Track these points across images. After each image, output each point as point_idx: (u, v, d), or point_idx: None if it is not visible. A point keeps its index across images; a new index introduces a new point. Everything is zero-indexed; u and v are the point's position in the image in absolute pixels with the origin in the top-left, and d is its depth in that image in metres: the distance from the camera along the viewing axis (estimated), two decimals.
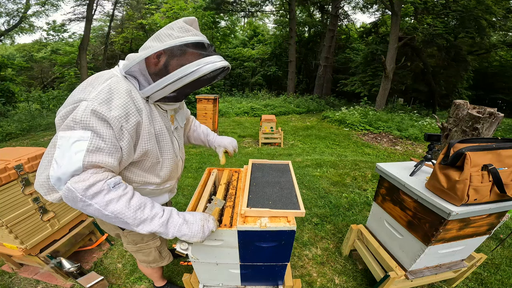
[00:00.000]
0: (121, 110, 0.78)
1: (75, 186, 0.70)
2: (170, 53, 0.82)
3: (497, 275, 1.82)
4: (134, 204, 0.79)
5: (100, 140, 0.74)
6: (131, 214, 0.77)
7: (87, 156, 0.72)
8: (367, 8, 15.08)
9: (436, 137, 1.45)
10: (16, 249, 1.48)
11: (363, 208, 2.71)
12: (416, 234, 1.32)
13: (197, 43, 0.84)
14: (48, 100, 9.36)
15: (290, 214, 1.08)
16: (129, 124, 0.81)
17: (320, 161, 4.15)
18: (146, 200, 0.84)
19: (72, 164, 0.70)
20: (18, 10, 12.75)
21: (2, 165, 1.33)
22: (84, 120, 0.72)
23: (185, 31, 0.84)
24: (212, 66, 0.82)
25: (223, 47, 18.02)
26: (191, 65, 0.81)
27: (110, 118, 0.75)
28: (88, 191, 0.71)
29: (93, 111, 0.73)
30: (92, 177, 0.73)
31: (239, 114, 9.60)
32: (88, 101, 0.74)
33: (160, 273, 1.55)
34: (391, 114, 8.87)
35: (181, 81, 0.82)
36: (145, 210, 0.81)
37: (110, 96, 0.77)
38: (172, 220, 0.85)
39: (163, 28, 0.85)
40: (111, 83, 0.80)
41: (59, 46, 17.73)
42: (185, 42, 0.82)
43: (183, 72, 0.81)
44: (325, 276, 1.83)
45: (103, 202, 0.74)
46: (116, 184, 0.78)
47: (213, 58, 0.84)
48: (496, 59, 14.40)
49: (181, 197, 2.89)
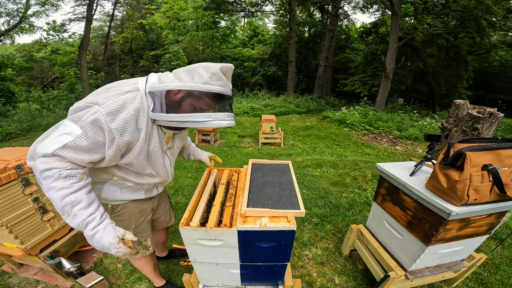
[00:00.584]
0: (120, 124, 0.85)
1: (38, 165, 0.81)
2: (190, 93, 0.89)
3: (497, 275, 1.82)
4: (69, 198, 0.84)
5: (84, 141, 0.82)
6: (60, 205, 0.84)
7: (61, 149, 0.80)
8: (367, 8, 15.07)
9: (436, 137, 1.45)
10: (16, 249, 1.48)
11: (363, 208, 2.71)
12: (416, 234, 1.32)
13: (219, 95, 0.91)
14: (48, 100, 9.36)
15: (290, 214, 1.08)
16: (121, 139, 0.87)
17: (320, 161, 4.15)
18: (83, 199, 0.87)
19: (47, 149, 0.80)
20: (18, 10, 12.74)
21: (2, 165, 1.33)
22: (85, 121, 0.81)
23: (217, 79, 0.89)
24: (218, 123, 0.91)
25: (223, 47, 18.03)
26: (201, 115, 0.89)
27: (107, 128, 0.83)
28: (44, 173, 0.81)
29: (96, 119, 0.81)
30: (54, 163, 0.81)
31: (239, 114, 9.60)
32: (100, 106, 0.83)
33: (152, 269, 1.52)
34: (391, 114, 8.87)
35: (187, 124, 0.91)
36: (74, 208, 0.85)
37: (119, 109, 0.85)
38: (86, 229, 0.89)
39: (200, 66, 0.90)
40: (127, 99, 0.87)
41: (59, 46, 17.74)
42: (208, 91, 0.88)
43: (191, 118, 0.89)
44: (325, 276, 1.83)
45: (47, 186, 0.82)
46: (68, 176, 0.83)
47: (223, 116, 0.92)
48: (496, 59, 14.41)
49: (181, 197, 2.89)
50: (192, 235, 1.06)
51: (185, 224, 1.05)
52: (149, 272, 1.54)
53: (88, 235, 0.89)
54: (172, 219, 1.64)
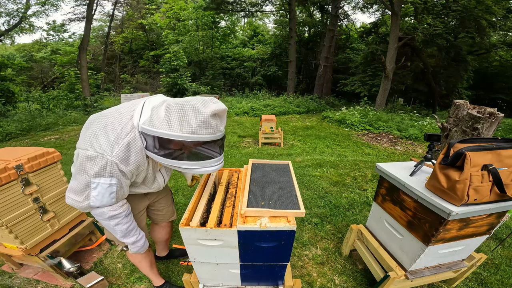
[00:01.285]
0: (135, 165, 1.00)
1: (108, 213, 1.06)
2: (178, 142, 0.90)
3: (497, 275, 1.82)
4: (128, 227, 1.16)
5: (121, 183, 1.01)
6: (123, 232, 1.16)
7: (116, 195, 1.03)
8: (367, 8, 15.07)
9: (436, 137, 1.45)
10: (16, 249, 1.48)
11: (363, 208, 2.71)
12: (416, 234, 1.32)
13: (207, 142, 0.92)
14: (48, 100, 9.35)
15: (290, 214, 1.08)
16: (138, 172, 1.07)
17: (320, 161, 4.15)
18: (134, 226, 1.20)
19: (109, 201, 1.02)
20: (18, 10, 12.73)
21: (2, 165, 1.33)
22: (111, 172, 0.95)
23: (206, 127, 0.87)
24: (204, 170, 0.99)
25: (223, 47, 18.03)
26: (187, 164, 0.96)
27: (126, 171, 0.99)
28: (114, 217, 1.08)
29: (116, 165, 0.95)
30: (120, 208, 1.08)
31: (239, 114, 9.60)
32: (111, 157, 0.93)
33: (148, 267, 1.52)
34: (391, 114, 8.86)
35: (174, 168, 1.01)
36: (132, 232, 1.19)
37: (128, 155, 0.96)
38: (134, 238, 1.22)
39: (191, 108, 0.86)
40: (130, 141, 0.95)
41: (59, 46, 17.74)
42: (196, 141, 0.89)
43: (178, 164, 0.96)
44: (325, 276, 1.83)
45: (115, 223, 1.10)
46: (129, 214, 1.15)
47: (209, 163, 0.98)
48: (496, 59, 14.39)
49: (181, 197, 2.89)
50: (192, 235, 1.06)
51: (185, 224, 1.05)
52: (146, 269, 1.53)
53: (140, 245, 1.26)
54: (174, 214, 1.67)
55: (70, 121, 7.51)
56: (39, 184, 1.52)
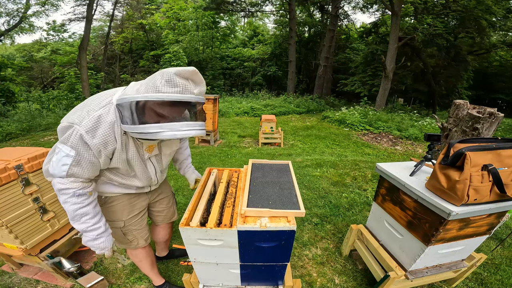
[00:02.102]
0: (101, 139, 0.93)
1: (55, 184, 0.99)
2: (144, 104, 0.86)
3: (497, 275, 1.82)
4: (80, 211, 1.04)
5: (80, 158, 0.94)
6: (72, 213, 1.04)
7: (69, 169, 0.95)
8: (367, 8, 15.06)
9: (436, 137, 1.45)
10: (16, 249, 1.48)
11: (363, 208, 2.71)
12: (416, 234, 1.32)
13: (174, 102, 0.85)
14: (48, 100, 9.35)
15: (290, 214, 1.08)
16: (107, 150, 0.98)
17: (320, 161, 4.15)
18: (90, 212, 1.06)
19: (60, 172, 0.96)
20: (18, 10, 12.73)
21: (2, 165, 1.33)
22: (72, 141, 0.91)
23: (171, 86, 0.83)
24: (172, 135, 0.86)
25: (223, 47, 18.02)
26: (152, 127, 0.85)
27: (91, 144, 0.93)
28: (61, 190, 0.99)
29: (81, 135, 0.90)
30: (69, 184, 0.98)
31: (239, 114, 9.60)
32: (79, 126, 0.90)
33: (149, 266, 1.53)
34: (391, 114, 8.86)
35: (142, 135, 0.89)
36: (83, 217, 1.05)
37: (96, 126, 0.92)
38: (89, 234, 1.10)
39: (157, 74, 0.86)
40: (102, 114, 0.93)
41: (59, 46, 17.73)
42: (159, 99, 0.83)
43: (145, 130, 0.87)
44: (325, 276, 1.83)
45: (63, 200, 1.01)
46: (80, 194, 1.01)
47: (179, 126, 0.86)
48: (496, 59, 14.38)
49: (181, 197, 2.89)
50: (192, 235, 1.06)
51: (185, 224, 1.05)
52: (146, 269, 1.54)
53: (90, 238, 1.10)
54: (175, 214, 1.66)
55: None
56: (39, 184, 1.52)
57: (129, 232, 1.34)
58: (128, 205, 1.28)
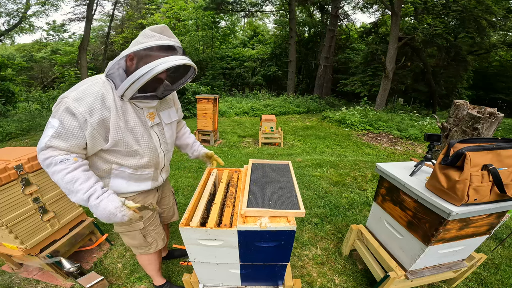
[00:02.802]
0: (87, 107, 0.95)
1: (39, 157, 0.98)
2: (133, 57, 0.98)
3: (497, 275, 1.82)
4: (68, 177, 0.96)
5: (62, 130, 0.95)
6: (63, 185, 0.97)
7: (49, 140, 0.95)
8: (367, 8, 15.07)
9: (436, 137, 1.45)
10: (16, 249, 1.48)
11: (363, 208, 2.71)
12: (416, 234, 1.32)
13: (160, 47, 0.98)
14: (48, 100, 9.34)
15: (290, 214, 1.08)
16: (93, 119, 0.97)
17: (320, 161, 4.15)
18: (80, 176, 0.98)
19: (42, 143, 0.96)
20: (18, 10, 12.73)
21: (2, 165, 1.33)
22: (58, 112, 0.94)
23: (148, 37, 0.98)
24: (163, 66, 0.94)
25: (223, 47, 18.02)
26: (145, 67, 0.94)
27: (77, 113, 0.94)
28: (45, 161, 0.96)
29: (67, 107, 0.93)
30: (49, 153, 0.96)
31: (239, 114, 9.60)
32: (67, 98, 0.94)
33: (157, 268, 1.55)
34: (391, 114, 8.86)
35: (139, 80, 0.95)
36: (74, 184, 0.96)
37: (82, 96, 0.96)
38: (90, 200, 0.98)
39: (135, 39, 1.02)
40: (88, 86, 0.99)
41: (59, 46, 17.73)
42: (144, 47, 0.96)
43: (140, 73, 0.94)
44: (325, 276, 1.83)
45: (50, 172, 0.97)
46: (63, 160, 0.96)
47: (167, 59, 0.95)
48: (496, 59, 14.38)
49: (181, 197, 2.89)
50: (192, 235, 1.06)
51: (185, 224, 1.05)
52: (153, 271, 1.56)
53: (93, 205, 0.98)
54: (176, 214, 1.67)
55: None
56: (39, 184, 1.52)
57: (148, 234, 1.34)
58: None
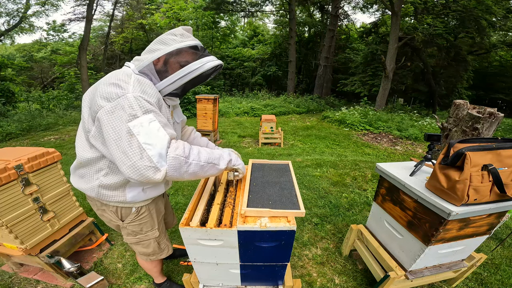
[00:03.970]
0: (155, 97, 0.95)
1: (177, 153, 0.87)
2: (177, 54, 0.99)
3: (497, 275, 1.82)
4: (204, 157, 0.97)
5: (160, 117, 0.91)
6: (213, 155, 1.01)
7: (166, 130, 0.88)
8: (367, 8, 15.07)
9: (436, 137, 1.45)
10: (16, 249, 1.48)
11: (363, 208, 2.71)
12: (416, 234, 1.32)
13: (195, 46, 1.02)
14: (48, 100, 9.36)
15: (290, 214, 1.08)
16: (160, 107, 0.99)
17: (320, 161, 4.15)
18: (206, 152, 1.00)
19: (162, 140, 0.85)
20: (18, 10, 12.73)
21: (2, 165, 1.33)
22: (142, 107, 0.86)
23: (186, 36, 1.02)
24: (212, 63, 1.01)
25: (223, 47, 18.00)
26: (195, 63, 0.98)
27: (152, 103, 0.91)
28: (185, 152, 0.90)
29: (141, 98, 0.87)
30: (179, 143, 0.91)
31: (239, 114, 9.60)
32: (131, 93, 0.86)
33: (160, 269, 1.56)
34: (391, 114, 8.86)
35: (188, 76, 0.99)
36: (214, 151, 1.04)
37: (143, 88, 0.91)
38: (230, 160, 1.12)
39: (166, 34, 1.01)
40: (136, 78, 0.93)
41: (59, 46, 17.74)
42: (188, 45, 1.00)
43: (189, 69, 0.98)
44: (325, 276, 1.83)
45: (196, 156, 0.94)
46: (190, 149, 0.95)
47: (211, 58, 1.02)
48: (496, 59, 14.38)
49: (181, 197, 2.89)
50: (192, 235, 1.06)
51: (185, 224, 1.05)
52: (155, 273, 1.57)
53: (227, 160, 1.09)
54: (175, 219, 1.68)
55: (70, 121, 7.51)
56: (39, 184, 1.52)
57: (161, 240, 1.35)
58: (156, 212, 1.28)
